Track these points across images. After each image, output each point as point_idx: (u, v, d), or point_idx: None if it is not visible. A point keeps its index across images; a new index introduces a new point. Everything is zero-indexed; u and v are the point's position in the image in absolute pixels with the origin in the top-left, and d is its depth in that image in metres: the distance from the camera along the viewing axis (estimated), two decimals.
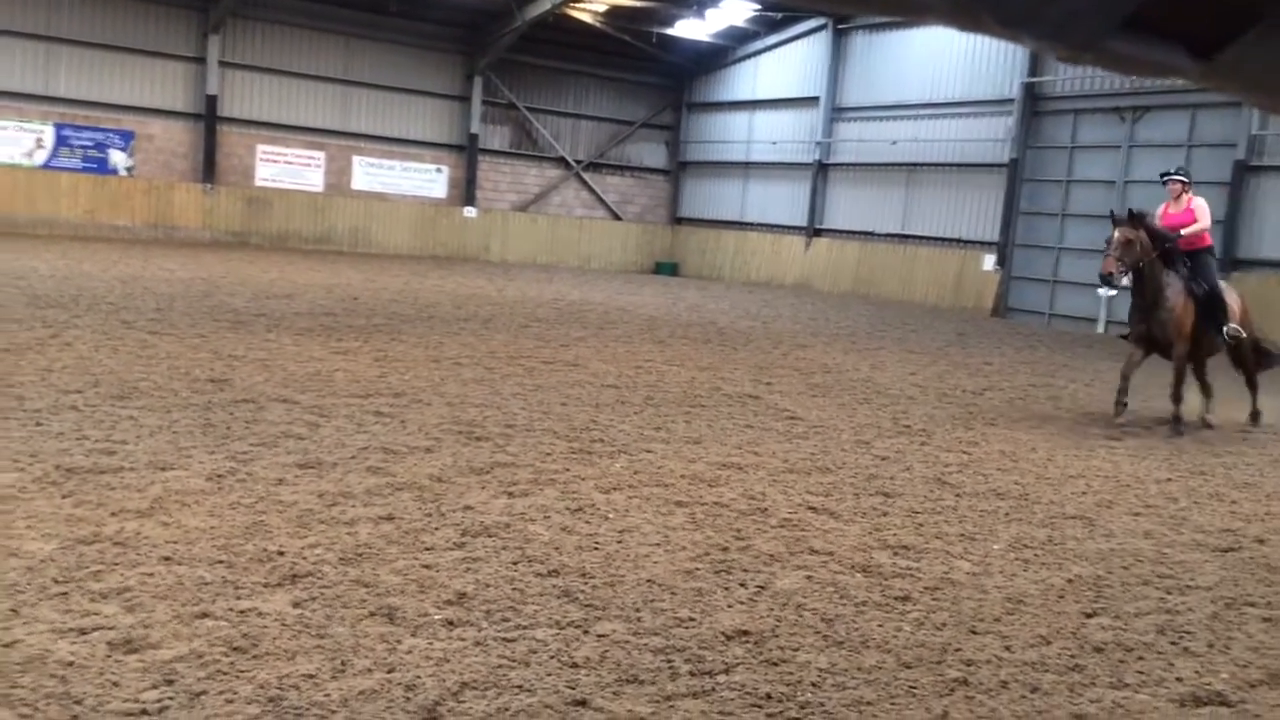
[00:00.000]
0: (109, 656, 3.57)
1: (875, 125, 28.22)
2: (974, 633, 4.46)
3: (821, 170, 29.60)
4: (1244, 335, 9.87)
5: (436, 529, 5.24)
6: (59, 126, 26.09)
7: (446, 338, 12.72)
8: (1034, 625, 4.60)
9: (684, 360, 12.48)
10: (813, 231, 29.78)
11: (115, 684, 3.39)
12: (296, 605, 4.13)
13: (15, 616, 3.80)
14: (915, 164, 27.11)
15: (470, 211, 31.48)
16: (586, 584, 4.64)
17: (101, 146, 26.67)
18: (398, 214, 30.39)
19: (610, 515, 5.73)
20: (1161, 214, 10.04)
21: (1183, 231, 9.89)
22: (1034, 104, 24.23)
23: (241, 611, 4.02)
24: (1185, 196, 10.08)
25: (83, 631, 3.73)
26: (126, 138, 26.89)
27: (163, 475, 5.77)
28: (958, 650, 4.25)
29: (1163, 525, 6.48)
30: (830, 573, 5.07)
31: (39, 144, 25.97)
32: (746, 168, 32.07)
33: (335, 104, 29.32)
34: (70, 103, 26.09)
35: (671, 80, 33.85)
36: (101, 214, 26.48)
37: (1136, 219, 9.52)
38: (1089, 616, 4.77)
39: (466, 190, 31.39)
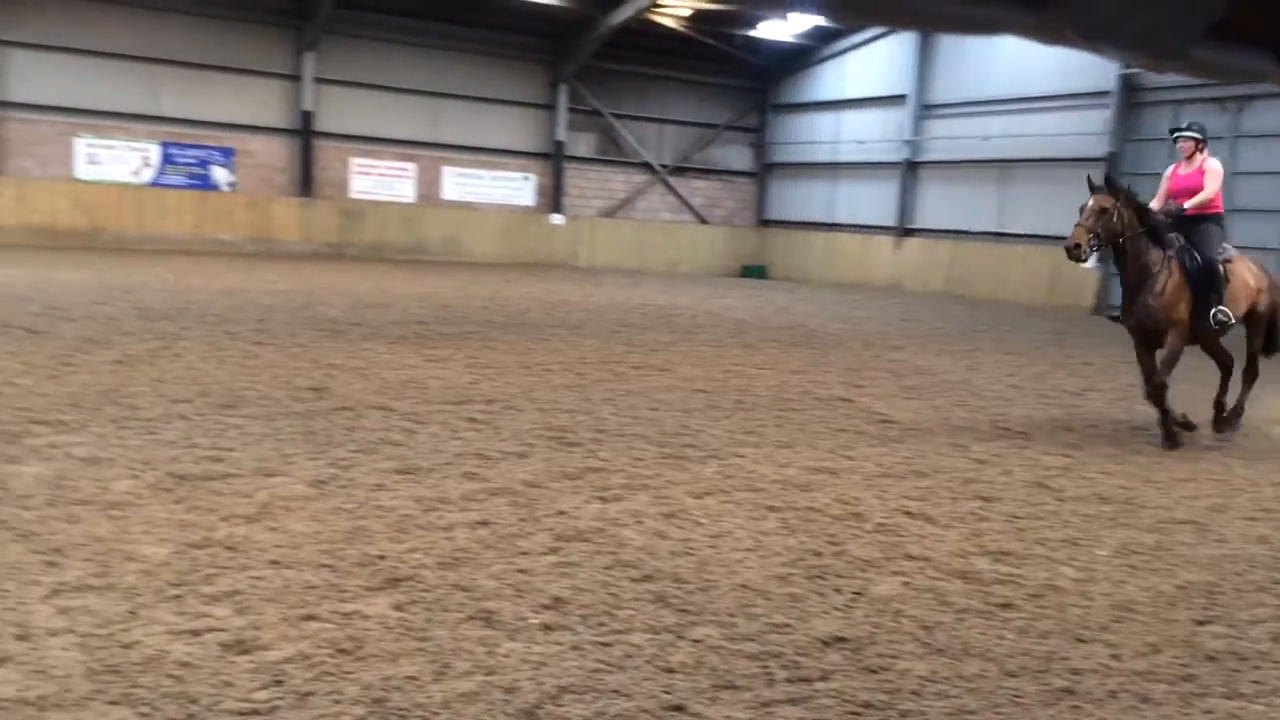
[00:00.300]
0: (221, 657, 3.70)
1: (965, 121, 27.70)
2: (1080, 641, 4.35)
3: (911, 169, 29.17)
4: (1233, 321, 8.62)
5: (531, 534, 5.30)
6: (164, 145, 27.09)
7: (536, 344, 12.86)
8: (1143, 633, 4.46)
9: (774, 364, 12.41)
10: (903, 231, 29.35)
11: (228, 684, 3.50)
12: (398, 608, 4.22)
13: (134, 618, 3.95)
14: (1008, 160, 26.52)
15: (557, 218, 31.78)
16: (680, 589, 4.65)
17: (204, 163, 27.62)
18: (487, 223, 30.83)
19: (703, 520, 5.73)
20: (1171, 175, 9.05)
21: (1186, 205, 8.85)
22: (1131, 95, 23.53)
23: (346, 614, 4.12)
24: (1199, 156, 8.93)
25: (196, 633, 3.87)
26: (228, 154, 27.79)
27: (268, 481, 5.95)
28: (1063, 659, 4.14)
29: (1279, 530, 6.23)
30: (928, 579, 5.00)
31: (146, 162, 27.00)
32: (834, 168, 31.74)
33: (425, 116, 29.87)
34: (175, 122, 27.07)
35: (756, 82, 33.70)
36: (205, 229, 27.41)
37: (1116, 188, 8.50)
38: (1201, 624, 4.61)
39: (554, 197, 31.70)
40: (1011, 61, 26.05)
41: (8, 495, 5.37)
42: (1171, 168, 9.13)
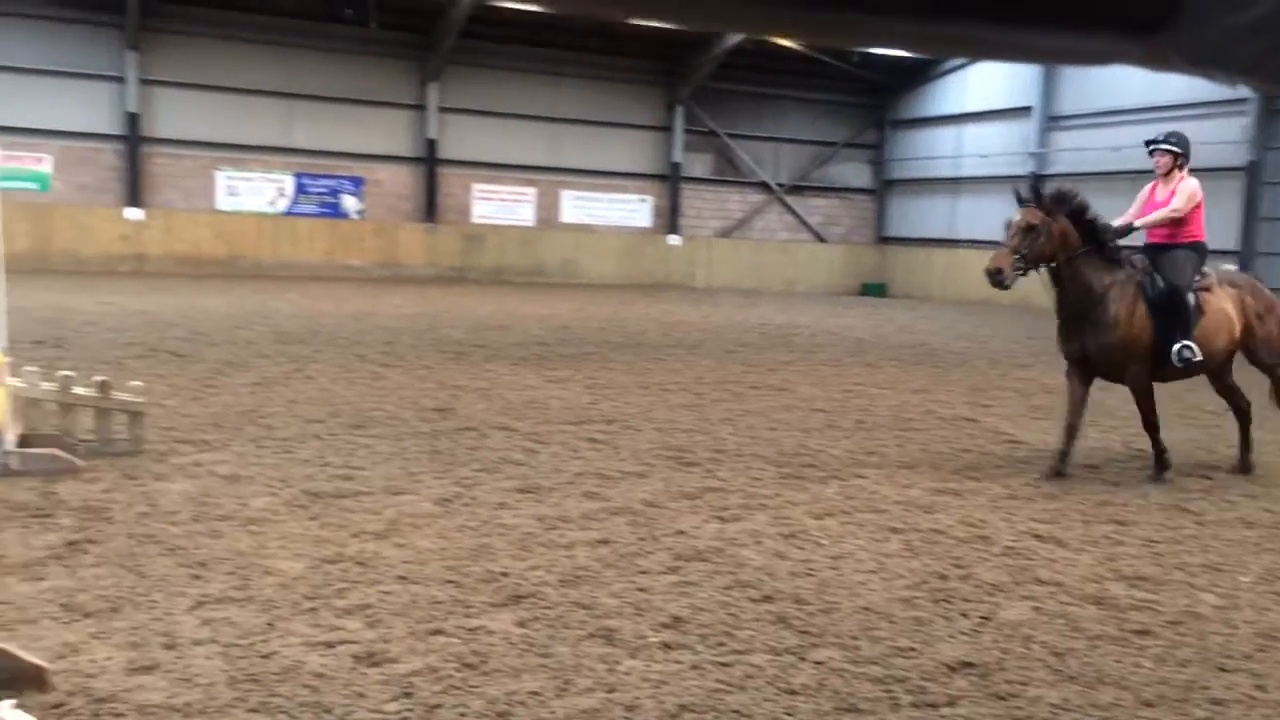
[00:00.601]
0: (354, 669, 3.82)
1: (1094, 133, 26.85)
2: (1222, 670, 4.15)
3: (1037, 182, 28.41)
4: (1198, 359, 7.32)
5: (650, 553, 5.33)
6: (298, 176, 28.27)
7: (654, 364, 12.94)
8: None
9: (895, 383, 12.21)
10: None
11: (360, 695, 3.62)
12: (521, 625, 4.30)
13: (272, 630, 4.12)
14: (1140, 171, 25.48)
15: (674, 239, 31.94)
16: (801, 610, 4.61)
17: (335, 192, 28.71)
18: (604, 245, 31.19)
19: (823, 541, 5.68)
20: (1146, 197, 7.91)
21: (1136, 222, 7.64)
22: (1271, 102, 22.47)
23: (471, 629, 4.21)
24: (1177, 174, 7.78)
25: (330, 645, 4.01)
26: (357, 183, 28.83)
27: (396, 499, 6.13)
28: (1204, 688, 3.96)
29: None
30: (1059, 604, 4.84)
31: (281, 193, 28.21)
32: (955, 183, 31.12)
33: (543, 141, 30.45)
34: (307, 153, 28.24)
35: (873, 98, 33.34)
36: (335, 255, 28.46)
37: (1050, 201, 7.34)
38: None
39: (670, 218, 31.89)
40: (1140, 69, 25.14)
41: (156, 511, 5.66)
42: (1149, 187, 8.08)
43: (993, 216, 29.45)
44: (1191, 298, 7.48)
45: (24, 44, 25.53)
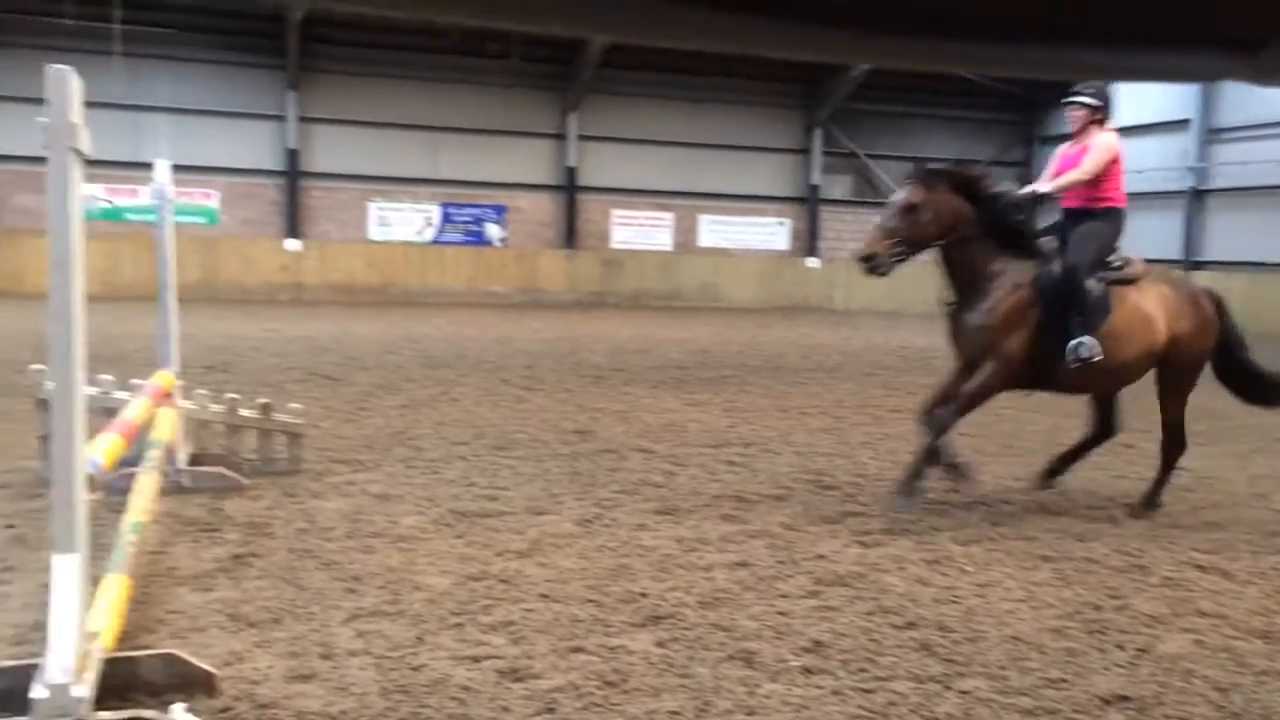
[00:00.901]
0: (499, 683, 3.92)
1: (1259, 145, 25.47)
2: None
3: (1197, 197, 27.10)
4: (1096, 358, 6.20)
5: (790, 576, 5.29)
6: (444, 205, 29.25)
7: (793, 388, 12.85)
8: None
9: (1044, 406, 11.78)
10: (1190, 264, 27.24)
11: (505, 709, 3.71)
12: (660, 645, 4.33)
13: (421, 644, 4.26)
14: None
15: (813, 262, 31.68)
16: (946, 638, 4.50)
17: (479, 220, 29.58)
18: (742, 268, 31.17)
19: (969, 568, 5.53)
20: (1057, 160, 6.87)
21: (1040, 188, 6.63)
22: None
23: (611, 648, 4.27)
24: (1093, 130, 6.68)
25: (476, 660, 4.12)
26: (500, 212, 29.63)
27: (538, 519, 6.26)
28: None
29: None
30: (1223, 637, 4.59)
31: (428, 222, 29.24)
32: None
33: (681, 166, 30.67)
34: (452, 183, 29.20)
35: (1020, 115, 32.45)
36: (479, 282, 29.27)
37: (936, 176, 6.45)
38: None
39: (809, 241, 31.66)
40: None
41: (314, 528, 5.93)
42: (1062, 146, 6.98)
43: (1151, 235, 28.39)
44: (1099, 287, 6.37)
45: (197, 88, 27.24)
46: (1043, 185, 6.73)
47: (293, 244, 28.22)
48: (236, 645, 4.16)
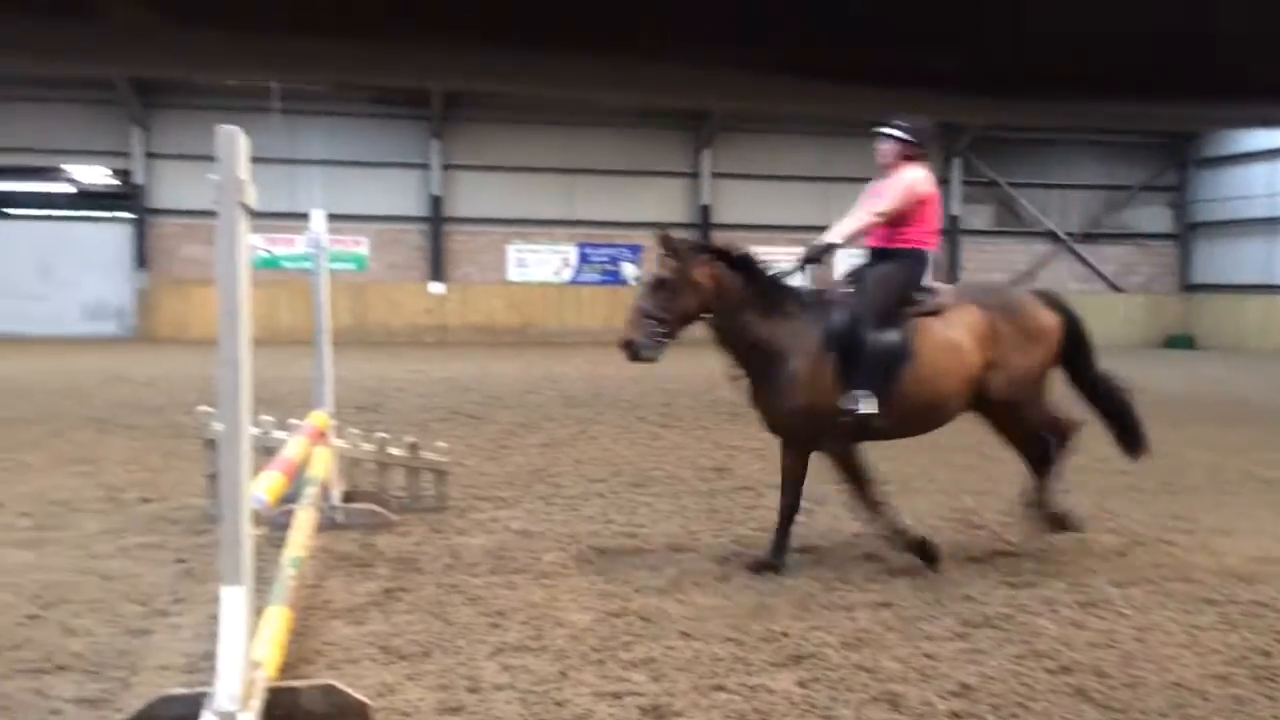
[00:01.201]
0: None
1: None
2: None
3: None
4: (867, 412, 5.69)
5: (936, 618, 5.16)
6: (580, 246, 29.82)
7: None
8: None
9: (1206, 443, 11.23)
10: None
11: None
12: (802, 685, 4.28)
13: (564, 679, 4.32)
14: None
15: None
16: (1103, 684, 4.31)
17: (614, 260, 30.03)
18: None
19: (1127, 611, 5.29)
20: (865, 197, 6.44)
21: (828, 237, 6.11)
22: None
23: (752, 687, 4.24)
24: (902, 165, 6.21)
25: (617, 696, 4.15)
26: (635, 251, 30.01)
27: (676, 556, 6.28)
28: None
29: None
30: None
31: (565, 263, 29.85)
32: (1272, 224, 28.45)
33: (814, 200, 30.50)
34: (588, 224, 29.77)
35: (1172, 137, 31.15)
36: (615, 320, 29.53)
37: (685, 247, 6.04)
38: None
39: (950, 272, 30.98)
40: None
41: (459, 563, 6.09)
42: (871, 183, 6.55)
43: None
44: (894, 334, 5.89)
45: (348, 140, 28.62)
46: (831, 235, 6.23)
47: (436, 287, 29.20)
48: (388, 677, 4.30)
